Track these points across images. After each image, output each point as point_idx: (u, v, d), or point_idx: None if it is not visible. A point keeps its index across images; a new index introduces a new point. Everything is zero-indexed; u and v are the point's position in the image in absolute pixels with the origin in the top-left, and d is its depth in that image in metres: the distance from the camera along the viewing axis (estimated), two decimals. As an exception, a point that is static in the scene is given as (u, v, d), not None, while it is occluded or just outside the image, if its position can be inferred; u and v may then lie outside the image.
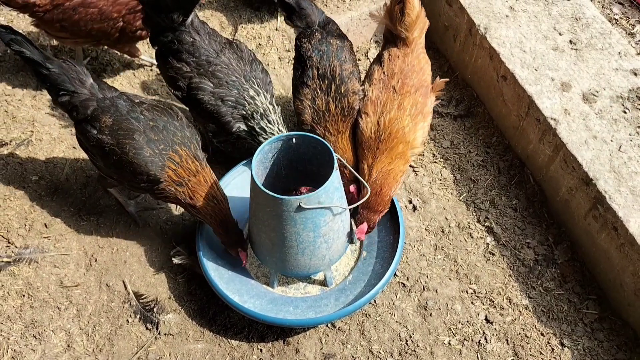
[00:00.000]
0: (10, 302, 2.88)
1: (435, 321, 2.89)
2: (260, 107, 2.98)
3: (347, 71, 2.99)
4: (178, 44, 2.97)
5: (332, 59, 2.98)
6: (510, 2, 3.49)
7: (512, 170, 3.37)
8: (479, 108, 3.61)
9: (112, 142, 2.71)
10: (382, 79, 2.94)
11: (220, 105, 2.97)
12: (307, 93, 2.99)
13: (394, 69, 2.95)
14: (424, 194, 3.31)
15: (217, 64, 2.97)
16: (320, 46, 3.01)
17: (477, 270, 3.05)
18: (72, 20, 3.27)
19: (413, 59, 2.99)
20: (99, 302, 2.92)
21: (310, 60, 3.00)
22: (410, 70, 2.95)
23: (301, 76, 3.03)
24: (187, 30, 2.98)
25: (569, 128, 2.98)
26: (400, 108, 2.88)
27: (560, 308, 2.92)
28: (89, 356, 2.76)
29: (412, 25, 2.96)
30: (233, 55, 3.04)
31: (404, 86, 2.92)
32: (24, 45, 2.69)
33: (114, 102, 2.78)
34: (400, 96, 2.90)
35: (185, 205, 2.77)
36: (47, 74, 2.73)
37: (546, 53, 3.26)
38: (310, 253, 2.68)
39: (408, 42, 3.00)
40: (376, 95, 2.94)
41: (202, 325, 2.87)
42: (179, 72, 2.99)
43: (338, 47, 3.03)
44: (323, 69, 2.97)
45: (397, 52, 3.00)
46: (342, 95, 2.95)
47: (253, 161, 2.57)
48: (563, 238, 3.11)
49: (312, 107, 2.97)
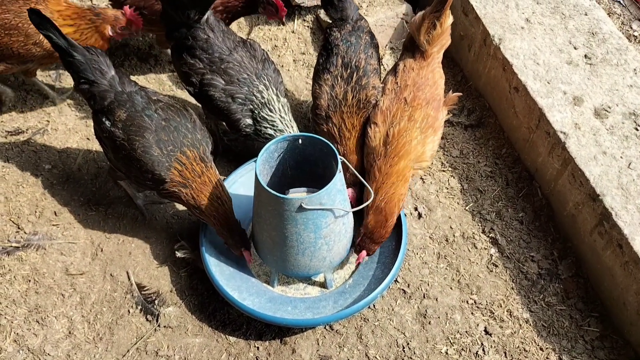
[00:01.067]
0: (16, 287, 2.94)
1: (434, 329, 2.88)
2: (264, 99, 3.01)
3: (371, 66, 3.01)
4: (192, 40, 3.02)
5: (359, 52, 3.01)
6: (527, 14, 3.48)
7: (520, 182, 3.35)
8: (490, 119, 3.59)
9: (123, 137, 2.76)
10: (395, 90, 2.94)
11: (231, 102, 3.01)
12: (327, 79, 3.01)
13: (407, 81, 2.94)
14: (430, 202, 3.31)
15: (230, 62, 3.02)
16: (350, 37, 3.04)
17: (479, 281, 3.03)
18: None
19: (428, 72, 2.98)
20: (102, 291, 2.97)
21: (337, 48, 3.03)
22: (424, 83, 2.94)
23: (325, 62, 3.06)
24: (202, 28, 3.03)
25: (579, 142, 2.95)
26: (410, 120, 2.87)
27: (561, 324, 2.89)
28: (89, 344, 2.81)
29: (435, 39, 2.94)
30: (246, 53, 3.08)
31: (416, 99, 2.90)
32: (51, 31, 2.75)
33: (131, 97, 2.82)
34: (411, 108, 2.88)
35: (189, 205, 2.80)
36: (71, 61, 2.79)
37: (560, 66, 3.24)
38: (311, 254, 2.70)
39: (426, 55, 2.98)
40: (387, 105, 2.93)
41: (201, 320, 2.90)
42: (192, 68, 3.04)
43: (367, 42, 3.06)
44: (348, 59, 3.00)
45: (413, 64, 2.99)
46: (362, 87, 2.97)
47: (258, 159, 2.60)
48: (568, 253, 3.08)
49: (330, 94, 2.99)
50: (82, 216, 3.21)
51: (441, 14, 2.86)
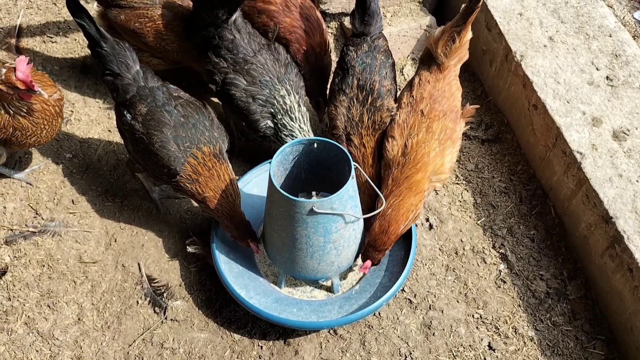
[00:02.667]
0: (31, 270, 3.01)
1: (438, 341, 2.88)
2: (287, 105, 3.07)
3: (385, 88, 3.03)
4: (219, 39, 3.08)
5: (373, 73, 3.03)
6: (551, 33, 3.48)
7: (534, 200, 3.34)
8: (507, 135, 3.59)
9: (142, 131, 2.82)
10: (411, 103, 2.93)
11: (251, 102, 3.06)
12: (343, 100, 3.05)
13: (423, 94, 2.94)
14: (442, 214, 3.32)
15: (253, 63, 3.07)
16: (366, 58, 3.06)
17: (486, 295, 3.03)
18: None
19: (444, 84, 2.97)
20: (113, 280, 3.02)
21: (352, 69, 3.06)
22: (441, 95, 2.94)
23: (340, 82, 3.09)
24: (229, 28, 3.08)
25: (595, 163, 2.94)
26: (428, 131, 2.85)
27: (566, 344, 2.87)
28: (97, 331, 2.86)
29: (453, 52, 2.92)
30: (270, 56, 3.13)
31: (433, 110, 2.89)
32: (85, 20, 2.81)
33: (152, 92, 2.89)
34: (429, 120, 2.87)
35: (194, 198, 2.86)
36: (99, 51, 2.86)
37: (580, 86, 3.23)
38: (319, 258, 2.72)
39: (442, 68, 2.97)
40: (403, 118, 2.92)
41: (207, 316, 2.94)
42: (216, 66, 3.10)
43: (382, 63, 3.07)
44: (363, 81, 3.02)
45: (429, 76, 2.98)
46: (377, 109, 3.00)
47: (273, 161, 2.63)
48: (578, 274, 3.06)
49: (347, 115, 3.03)
50: (98, 206, 3.27)
51: (462, 29, 2.87)
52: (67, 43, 3.99)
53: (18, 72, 2.65)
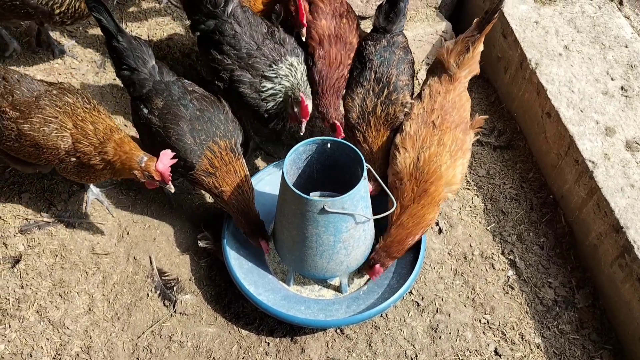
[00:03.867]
0: (44, 260, 3.06)
1: (444, 345, 2.89)
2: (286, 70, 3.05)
3: (402, 82, 3.06)
4: (219, 35, 3.07)
5: (391, 67, 3.06)
6: (566, 42, 3.49)
7: (544, 208, 3.35)
8: (520, 142, 3.60)
9: (159, 124, 2.87)
10: (421, 114, 2.93)
11: (257, 97, 3.06)
12: (359, 92, 3.08)
13: (434, 105, 2.94)
14: (452, 218, 3.33)
15: (257, 57, 3.06)
16: (384, 53, 3.10)
17: (493, 301, 3.03)
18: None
19: (455, 95, 2.96)
20: (125, 273, 3.06)
21: (370, 62, 3.09)
22: (451, 107, 2.93)
23: (358, 75, 3.12)
24: (229, 22, 3.07)
25: (607, 173, 2.94)
26: (440, 144, 2.85)
27: (573, 353, 2.87)
28: (107, 322, 2.90)
29: (465, 63, 2.93)
30: (274, 45, 3.10)
31: (444, 122, 2.89)
32: (103, 14, 2.85)
33: (168, 87, 2.93)
34: (441, 132, 2.87)
35: (211, 192, 2.89)
36: (116, 46, 2.90)
37: (594, 96, 3.24)
38: (329, 257, 2.74)
39: (453, 79, 2.96)
40: (415, 130, 2.91)
41: (216, 311, 2.96)
42: (221, 64, 3.10)
43: (400, 58, 3.10)
44: (380, 74, 3.06)
45: (439, 87, 2.98)
46: (391, 102, 3.02)
47: (286, 159, 2.66)
48: (586, 283, 3.06)
49: (361, 107, 3.05)
50: (112, 199, 3.31)
51: (476, 39, 2.88)
52: (86, 38, 4.04)
53: (159, 164, 2.68)
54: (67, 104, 2.80)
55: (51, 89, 2.84)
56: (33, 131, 2.74)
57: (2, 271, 3.00)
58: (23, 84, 2.81)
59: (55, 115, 2.75)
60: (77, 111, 2.78)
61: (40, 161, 2.86)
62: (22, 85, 2.80)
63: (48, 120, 2.74)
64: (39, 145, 2.76)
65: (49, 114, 2.75)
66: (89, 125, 2.76)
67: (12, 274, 2.99)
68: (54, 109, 2.77)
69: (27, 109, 2.75)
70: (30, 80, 2.85)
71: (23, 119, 2.74)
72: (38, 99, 2.78)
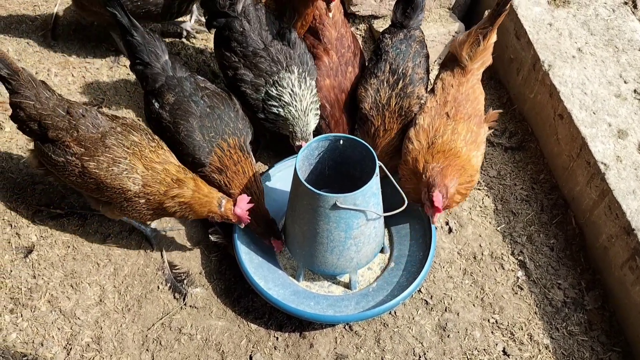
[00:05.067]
0: (56, 251, 3.09)
1: (452, 343, 2.90)
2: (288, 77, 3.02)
3: (418, 75, 3.07)
4: (228, 31, 3.09)
5: (407, 60, 3.07)
6: (580, 44, 3.49)
7: (555, 209, 3.34)
8: (531, 143, 3.60)
9: (169, 120, 2.89)
10: (434, 107, 2.95)
11: (259, 99, 3.07)
12: (373, 83, 3.09)
13: (447, 97, 2.96)
14: (462, 218, 3.33)
15: (262, 56, 3.05)
16: (400, 45, 3.12)
17: (502, 301, 3.03)
18: None
19: (468, 88, 2.98)
20: (136, 265, 3.08)
21: (386, 54, 3.11)
22: (465, 99, 2.95)
23: (373, 67, 3.14)
24: (239, 19, 3.08)
25: (619, 175, 2.94)
26: (454, 133, 2.85)
27: (581, 354, 2.87)
28: (117, 313, 2.92)
29: (478, 55, 2.95)
30: (282, 49, 3.09)
31: (458, 113, 2.90)
32: (117, 9, 2.88)
33: (180, 82, 2.96)
34: (454, 122, 2.88)
35: (222, 191, 2.90)
36: (130, 40, 2.93)
37: (607, 98, 3.23)
38: (339, 253, 2.75)
39: (466, 71, 2.99)
40: (428, 122, 2.92)
41: (226, 304, 2.98)
42: (229, 60, 3.11)
43: (416, 51, 3.12)
44: (396, 66, 3.07)
45: (452, 80, 3.00)
46: (406, 95, 3.03)
47: (298, 155, 2.68)
48: (596, 285, 3.05)
49: (374, 97, 3.06)
50: (124, 192, 3.34)
51: (488, 31, 2.89)
52: (101, 33, 4.08)
53: (237, 209, 2.74)
54: (134, 143, 2.75)
55: (115, 125, 2.79)
56: (99, 170, 2.69)
57: (15, 261, 3.03)
58: (88, 119, 2.75)
59: (124, 156, 2.71)
60: (144, 152, 2.74)
61: (102, 197, 2.81)
62: (86, 120, 2.75)
63: (117, 160, 2.70)
64: (104, 183, 2.71)
65: (117, 154, 2.70)
66: (158, 167, 2.73)
67: (24, 264, 3.02)
68: (122, 149, 2.72)
69: (93, 146, 2.70)
70: (95, 114, 2.79)
71: (88, 156, 2.69)
72: (104, 137, 2.73)
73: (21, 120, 2.77)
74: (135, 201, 2.74)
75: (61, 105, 2.77)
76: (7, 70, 2.72)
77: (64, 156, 2.72)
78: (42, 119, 2.73)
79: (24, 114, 2.74)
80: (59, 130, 2.72)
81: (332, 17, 3.27)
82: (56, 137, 2.72)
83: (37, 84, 2.77)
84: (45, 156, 2.76)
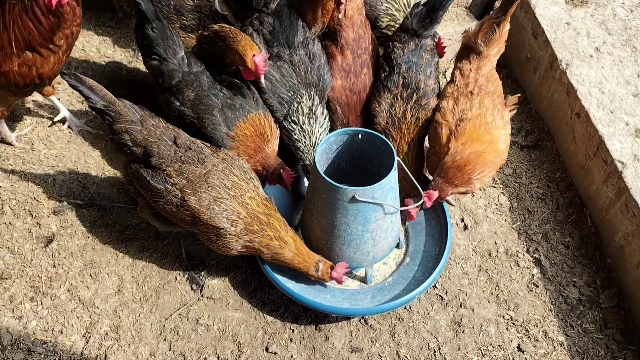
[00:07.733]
0: (76, 241, 3.13)
1: (467, 339, 2.91)
2: (303, 110, 3.04)
3: (430, 87, 3.07)
4: (259, 24, 3.08)
5: (419, 72, 3.07)
6: (597, 44, 3.49)
7: (571, 208, 3.35)
8: (547, 142, 3.61)
9: (193, 115, 2.91)
10: (456, 91, 2.97)
11: (272, 97, 3.07)
12: (387, 97, 3.09)
13: (467, 80, 2.98)
14: (477, 215, 3.34)
15: (286, 61, 3.05)
16: (412, 57, 3.10)
17: (517, 298, 3.04)
18: None
19: (486, 72, 3.00)
20: (154, 256, 3.12)
21: (398, 67, 3.09)
22: (485, 80, 2.97)
23: (386, 79, 3.12)
24: (271, 16, 3.09)
25: (636, 174, 2.94)
26: (481, 106, 2.88)
27: (596, 352, 2.87)
28: (136, 303, 2.96)
29: (495, 41, 2.96)
30: (304, 58, 3.08)
31: (482, 90, 2.94)
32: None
33: (197, 77, 2.96)
34: (479, 97, 2.91)
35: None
36: (149, 33, 2.90)
37: (625, 97, 3.24)
38: (356, 246, 2.78)
39: (482, 56, 2.99)
40: (452, 105, 2.95)
41: (242, 296, 3.01)
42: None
43: (427, 62, 3.11)
44: (409, 80, 3.07)
45: (469, 66, 3.01)
46: (422, 107, 3.04)
47: (317, 148, 2.71)
48: (611, 283, 3.06)
49: (389, 112, 3.07)
50: (143, 184, 3.38)
51: (502, 20, 2.91)
52: (121, 28, 4.13)
53: (334, 273, 2.79)
54: (235, 184, 2.69)
55: (217, 162, 2.71)
56: (200, 206, 2.63)
57: (36, 250, 3.07)
58: (194, 150, 2.71)
59: (226, 197, 2.65)
60: (244, 196, 2.69)
61: (192, 229, 2.77)
62: (192, 153, 2.70)
63: (218, 200, 2.64)
64: (200, 219, 2.65)
65: (219, 195, 2.64)
66: (262, 218, 2.69)
67: (44, 254, 3.07)
68: (224, 190, 2.65)
69: (197, 180, 2.64)
70: (200, 146, 2.74)
71: (191, 189, 2.63)
72: (207, 175, 2.65)
73: (124, 144, 2.71)
74: (228, 239, 2.71)
75: (167, 133, 2.74)
76: (103, 102, 2.68)
77: (164, 184, 2.66)
78: (148, 145, 2.67)
79: (129, 138, 2.69)
80: (163, 158, 2.67)
81: (349, 18, 3.23)
82: (159, 165, 2.66)
83: (139, 110, 2.74)
84: (141, 179, 2.69)
